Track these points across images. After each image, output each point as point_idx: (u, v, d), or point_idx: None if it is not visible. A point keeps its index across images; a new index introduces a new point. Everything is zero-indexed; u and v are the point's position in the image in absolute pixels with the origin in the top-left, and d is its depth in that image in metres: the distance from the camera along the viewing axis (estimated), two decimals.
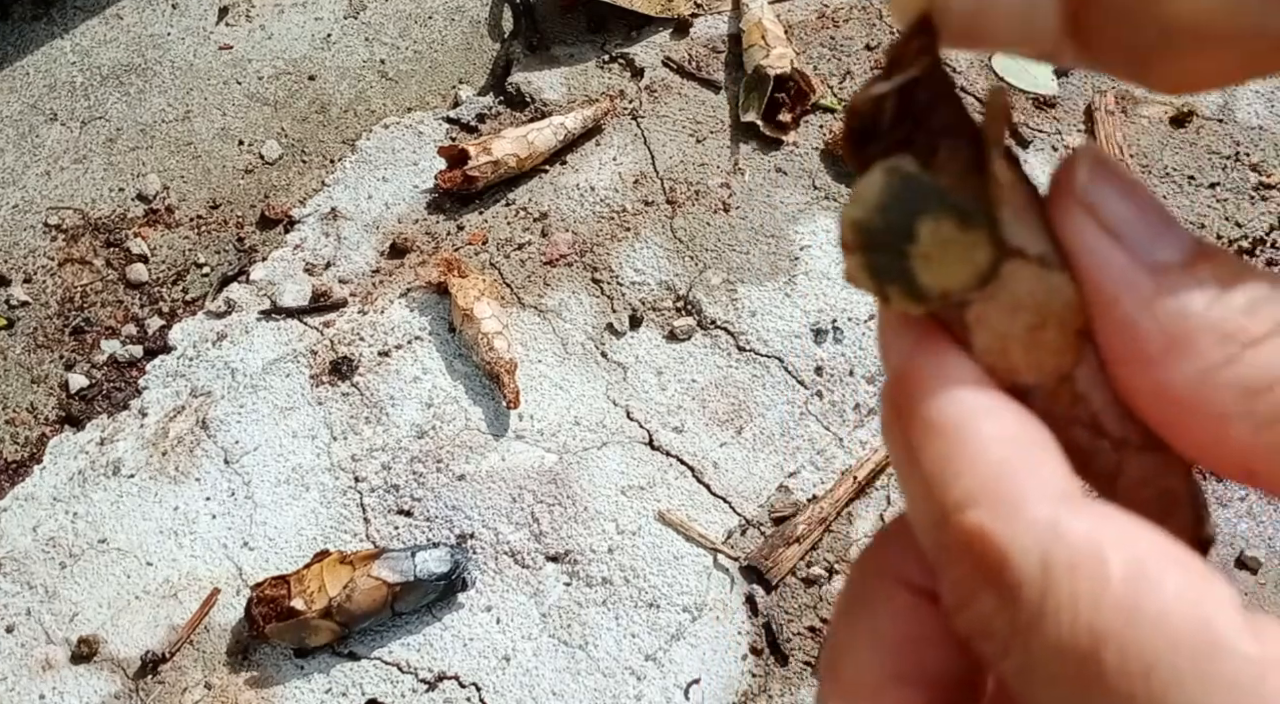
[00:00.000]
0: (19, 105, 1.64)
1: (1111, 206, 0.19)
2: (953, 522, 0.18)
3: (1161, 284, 0.18)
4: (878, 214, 0.19)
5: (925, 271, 0.19)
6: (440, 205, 1.48)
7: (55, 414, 1.36)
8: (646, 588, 1.17)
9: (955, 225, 0.19)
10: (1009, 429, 0.18)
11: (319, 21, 1.70)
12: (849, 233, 0.20)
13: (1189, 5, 0.17)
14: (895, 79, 0.19)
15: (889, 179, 0.19)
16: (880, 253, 0.19)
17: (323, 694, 1.14)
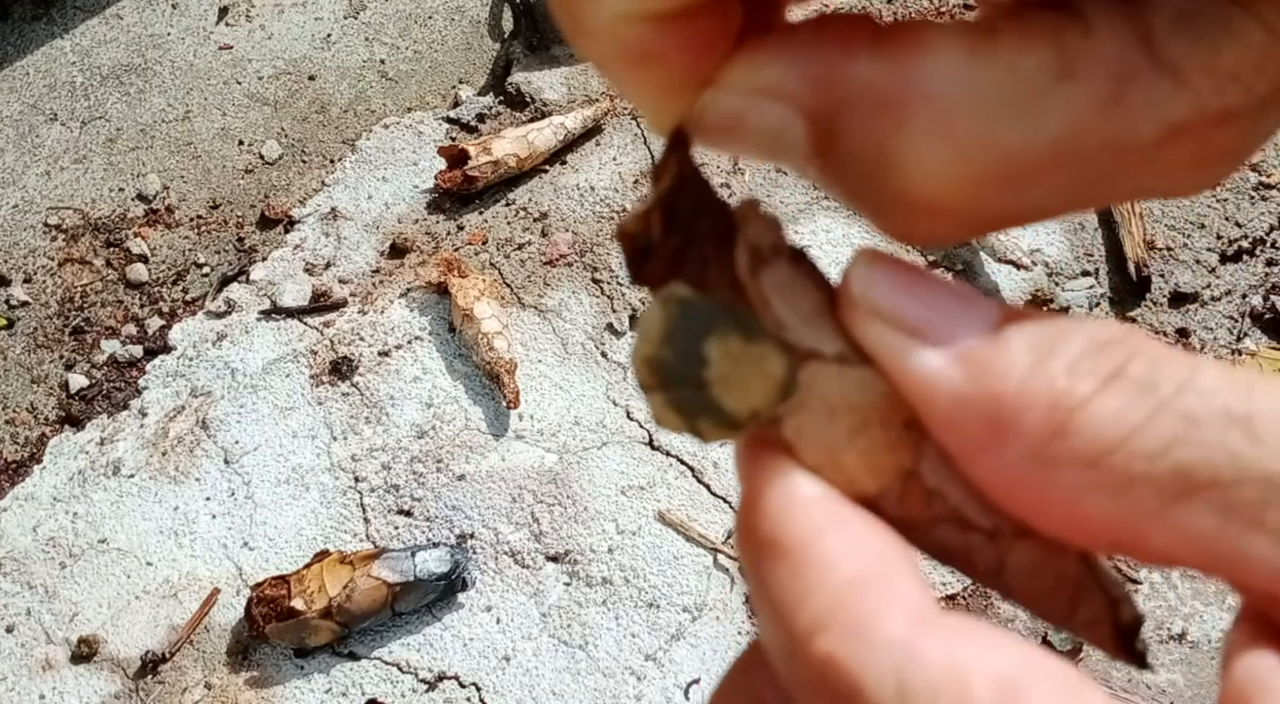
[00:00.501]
0: (19, 105, 1.65)
1: (898, 303, 0.18)
2: (803, 650, 0.16)
3: (970, 370, 0.17)
4: (665, 347, 0.19)
5: (727, 396, 0.18)
6: (440, 205, 1.48)
7: (55, 414, 1.36)
8: (646, 588, 1.17)
9: (740, 340, 0.18)
10: (855, 542, 0.17)
11: (319, 21, 1.70)
12: (643, 372, 0.19)
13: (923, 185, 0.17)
14: (654, 194, 0.19)
15: (667, 309, 0.19)
16: (679, 387, 0.19)
17: (323, 694, 1.14)
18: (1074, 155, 0.17)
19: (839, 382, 0.18)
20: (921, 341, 0.17)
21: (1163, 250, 1.35)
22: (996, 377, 0.16)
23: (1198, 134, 0.16)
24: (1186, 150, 0.17)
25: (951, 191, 0.17)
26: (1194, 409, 0.16)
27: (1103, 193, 0.18)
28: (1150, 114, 0.16)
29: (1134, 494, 0.16)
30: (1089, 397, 0.16)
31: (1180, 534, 0.16)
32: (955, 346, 0.17)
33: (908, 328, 0.17)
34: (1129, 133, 0.16)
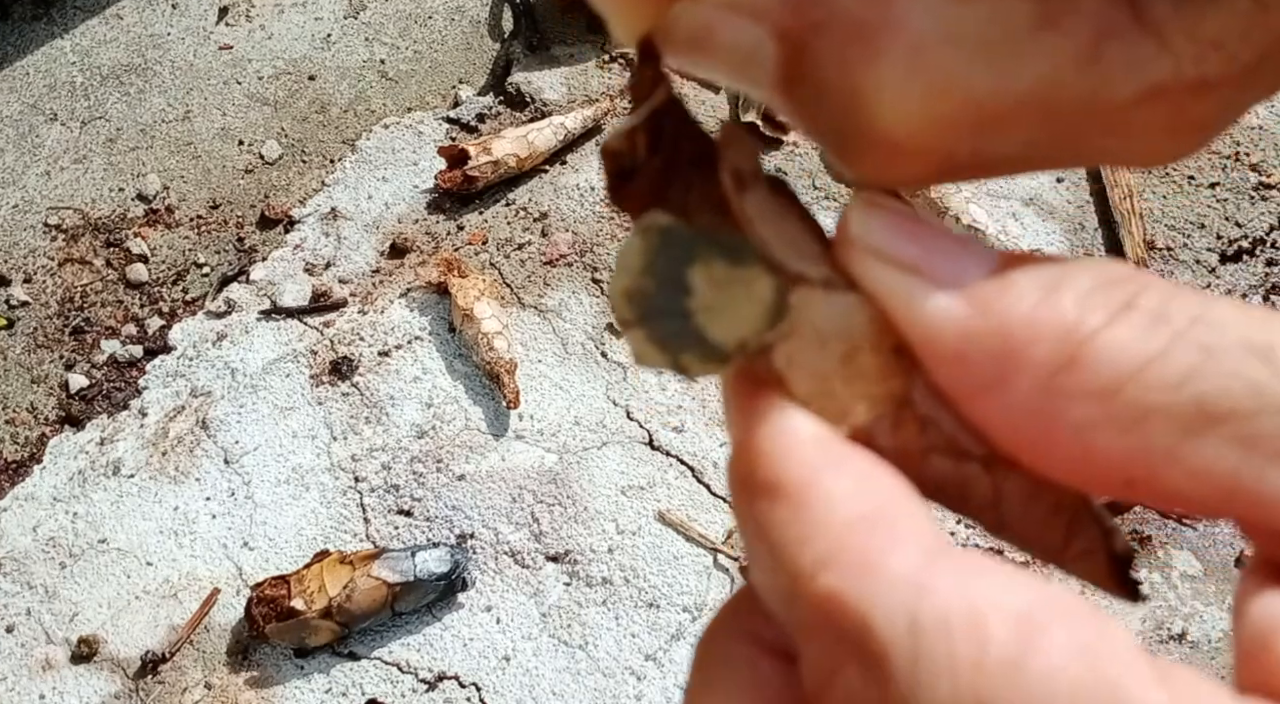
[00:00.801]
0: (19, 105, 1.65)
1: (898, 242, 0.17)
2: (805, 590, 0.15)
3: (974, 305, 0.16)
4: (645, 277, 0.18)
5: (713, 325, 0.17)
6: (440, 205, 1.48)
7: (55, 414, 1.37)
8: (646, 588, 1.17)
9: (726, 264, 0.17)
10: (857, 482, 0.16)
11: (319, 21, 1.70)
12: (622, 306, 0.18)
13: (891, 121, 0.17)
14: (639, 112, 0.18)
15: (646, 237, 0.18)
16: (661, 319, 0.17)
17: (323, 694, 1.14)
18: (1047, 107, 0.16)
19: (827, 307, 0.17)
20: (922, 279, 0.17)
21: (1163, 250, 1.35)
22: (1003, 310, 0.16)
23: (1175, 99, 0.16)
24: (1162, 115, 0.16)
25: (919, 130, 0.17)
26: (1211, 339, 0.15)
27: (1073, 151, 0.17)
28: (1128, 74, 0.16)
29: (1148, 428, 0.15)
30: (1101, 327, 0.15)
31: (1197, 469, 0.15)
32: (958, 283, 0.16)
33: (908, 266, 0.17)
34: (1105, 91, 0.16)
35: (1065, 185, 1.42)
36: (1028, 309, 0.16)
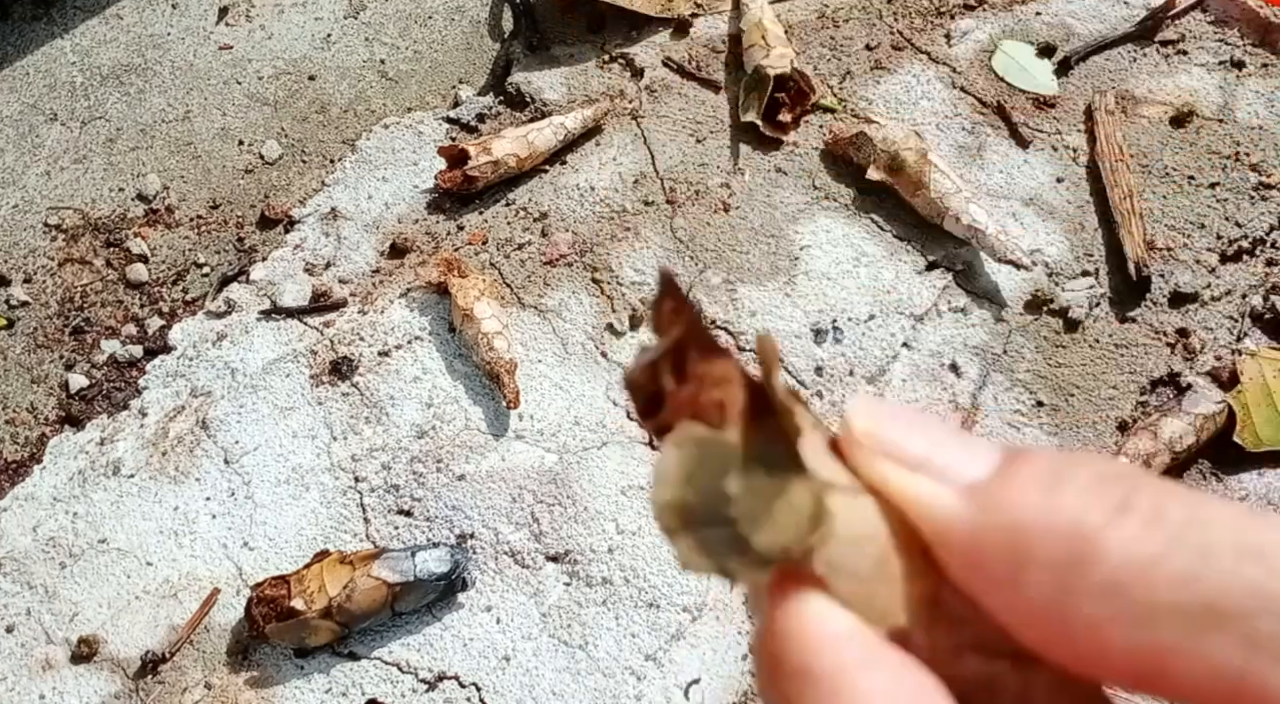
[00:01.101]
0: (19, 105, 1.64)
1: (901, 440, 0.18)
2: None
3: (984, 502, 0.17)
4: (685, 488, 0.18)
5: (756, 533, 0.18)
6: (440, 205, 1.48)
7: (55, 414, 1.36)
8: (646, 588, 1.17)
9: (764, 474, 0.18)
10: (891, 679, 0.17)
11: (319, 21, 1.70)
12: (667, 517, 0.18)
13: None
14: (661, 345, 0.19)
15: (682, 450, 0.18)
16: (706, 527, 0.18)
17: (323, 694, 1.14)
18: None
19: (858, 512, 0.18)
20: (933, 475, 0.17)
21: (1163, 250, 1.35)
22: (1009, 507, 0.16)
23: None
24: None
25: None
26: (1206, 540, 0.16)
27: None
28: None
29: (1159, 625, 0.16)
30: (1103, 525, 0.16)
31: (1204, 667, 0.15)
32: (963, 481, 0.17)
33: (913, 463, 0.18)
34: None
35: (1065, 185, 1.42)
36: (1032, 506, 0.16)
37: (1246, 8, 1.54)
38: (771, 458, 0.18)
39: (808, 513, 0.18)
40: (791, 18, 1.61)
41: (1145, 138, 1.45)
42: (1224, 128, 1.45)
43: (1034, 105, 1.49)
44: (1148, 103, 1.48)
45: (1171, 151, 1.43)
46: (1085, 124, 1.47)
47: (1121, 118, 1.46)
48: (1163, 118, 1.46)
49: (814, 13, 1.62)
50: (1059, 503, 0.16)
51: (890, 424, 0.18)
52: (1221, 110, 1.46)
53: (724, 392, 0.19)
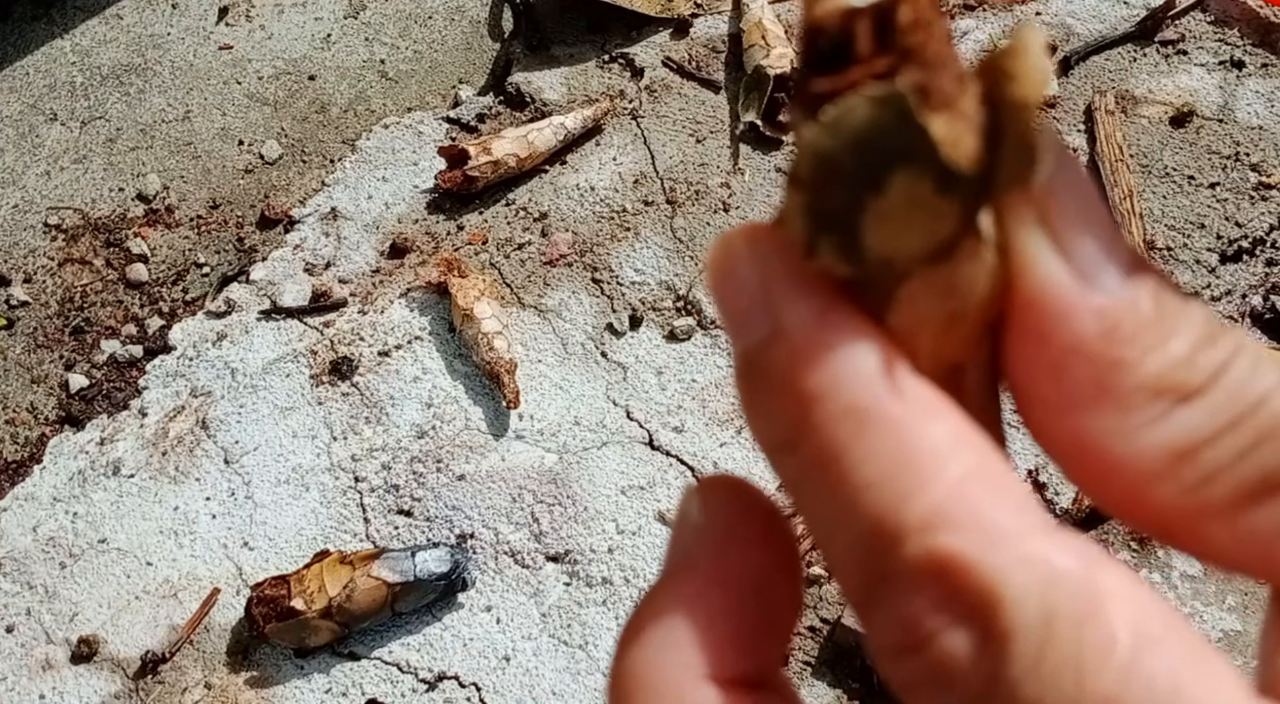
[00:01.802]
0: (19, 105, 1.65)
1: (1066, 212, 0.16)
2: (915, 544, 0.15)
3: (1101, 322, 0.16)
4: (851, 150, 0.15)
5: (876, 230, 0.16)
6: (440, 205, 1.48)
7: (55, 414, 1.36)
8: (646, 588, 1.17)
9: (933, 187, 0.15)
10: (962, 436, 0.15)
11: (319, 21, 1.70)
12: (808, 165, 0.16)
13: None
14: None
15: (878, 111, 0.15)
16: (833, 195, 0.16)
17: (323, 694, 1.14)
18: None
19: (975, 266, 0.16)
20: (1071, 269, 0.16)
21: (1163, 250, 1.35)
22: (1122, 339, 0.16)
23: None
24: None
25: None
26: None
27: None
28: None
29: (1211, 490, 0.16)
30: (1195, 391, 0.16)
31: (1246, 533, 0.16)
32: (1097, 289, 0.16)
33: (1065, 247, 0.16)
34: None
35: None
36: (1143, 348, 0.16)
37: (1246, 8, 1.54)
38: (956, 176, 0.15)
39: (938, 243, 0.16)
40: (791, 18, 1.61)
41: (1145, 138, 1.45)
42: (1224, 128, 1.45)
43: None
44: (1148, 103, 1.48)
45: (1171, 151, 1.43)
46: (1085, 124, 1.47)
47: (1121, 118, 1.46)
48: (1163, 118, 1.46)
49: None
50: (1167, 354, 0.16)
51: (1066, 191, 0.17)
52: (1221, 110, 1.46)
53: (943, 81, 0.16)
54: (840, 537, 0.16)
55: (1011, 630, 0.14)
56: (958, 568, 0.15)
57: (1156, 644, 0.14)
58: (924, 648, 0.15)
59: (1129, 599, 0.15)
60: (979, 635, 0.14)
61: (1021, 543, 0.15)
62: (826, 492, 0.16)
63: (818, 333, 0.16)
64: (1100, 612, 0.14)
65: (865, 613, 0.16)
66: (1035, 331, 0.16)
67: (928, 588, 0.15)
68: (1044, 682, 0.14)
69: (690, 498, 0.18)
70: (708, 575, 0.17)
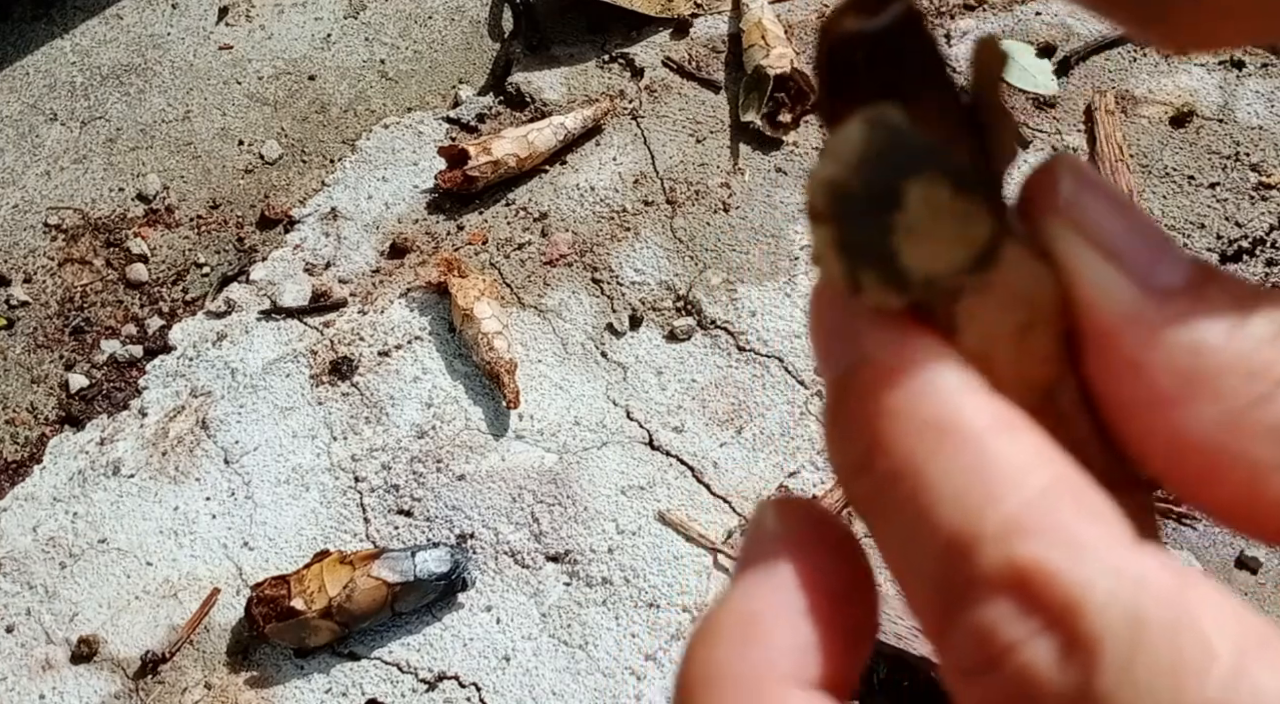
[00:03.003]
0: (19, 105, 1.65)
1: (1103, 223, 0.16)
2: (993, 553, 0.14)
3: (1170, 313, 0.15)
4: (857, 174, 0.16)
5: (911, 249, 0.16)
6: (440, 205, 1.48)
7: (55, 414, 1.36)
8: (646, 588, 1.17)
9: (950, 191, 0.15)
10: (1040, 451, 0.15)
11: (319, 21, 1.70)
12: (820, 197, 0.16)
13: None
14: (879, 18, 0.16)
15: (872, 131, 0.16)
16: (857, 224, 0.16)
17: (323, 694, 1.14)
18: None
19: (1025, 270, 0.16)
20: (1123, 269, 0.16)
21: None
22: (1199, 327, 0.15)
23: None
24: None
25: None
26: None
27: None
28: None
29: None
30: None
31: None
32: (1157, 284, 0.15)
33: (1111, 249, 0.16)
34: None
35: None
36: (1223, 332, 0.15)
37: None
38: (967, 175, 0.16)
39: (979, 248, 0.15)
40: (791, 18, 1.61)
41: (1145, 138, 1.45)
42: (1224, 128, 1.45)
43: (1034, 105, 1.49)
44: (1148, 103, 1.48)
45: (1171, 151, 1.43)
46: (1085, 124, 1.47)
47: (1121, 118, 1.46)
48: (1163, 118, 1.46)
49: (814, 13, 1.62)
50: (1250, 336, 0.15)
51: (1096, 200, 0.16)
52: (1221, 110, 1.46)
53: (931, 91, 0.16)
54: (915, 556, 0.15)
55: (1099, 638, 0.13)
56: (1038, 575, 0.14)
57: (1261, 656, 0.13)
58: (1003, 662, 0.14)
59: (1226, 610, 0.14)
60: (1063, 644, 0.14)
61: (1106, 552, 0.14)
62: (901, 509, 0.15)
63: (897, 355, 0.16)
64: (1196, 622, 0.13)
65: (940, 635, 0.15)
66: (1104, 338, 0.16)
67: (1006, 598, 0.14)
68: (1138, 691, 0.13)
69: (765, 508, 0.18)
70: (789, 578, 0.17)
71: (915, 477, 0.15)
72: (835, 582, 0.17)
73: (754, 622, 0.16)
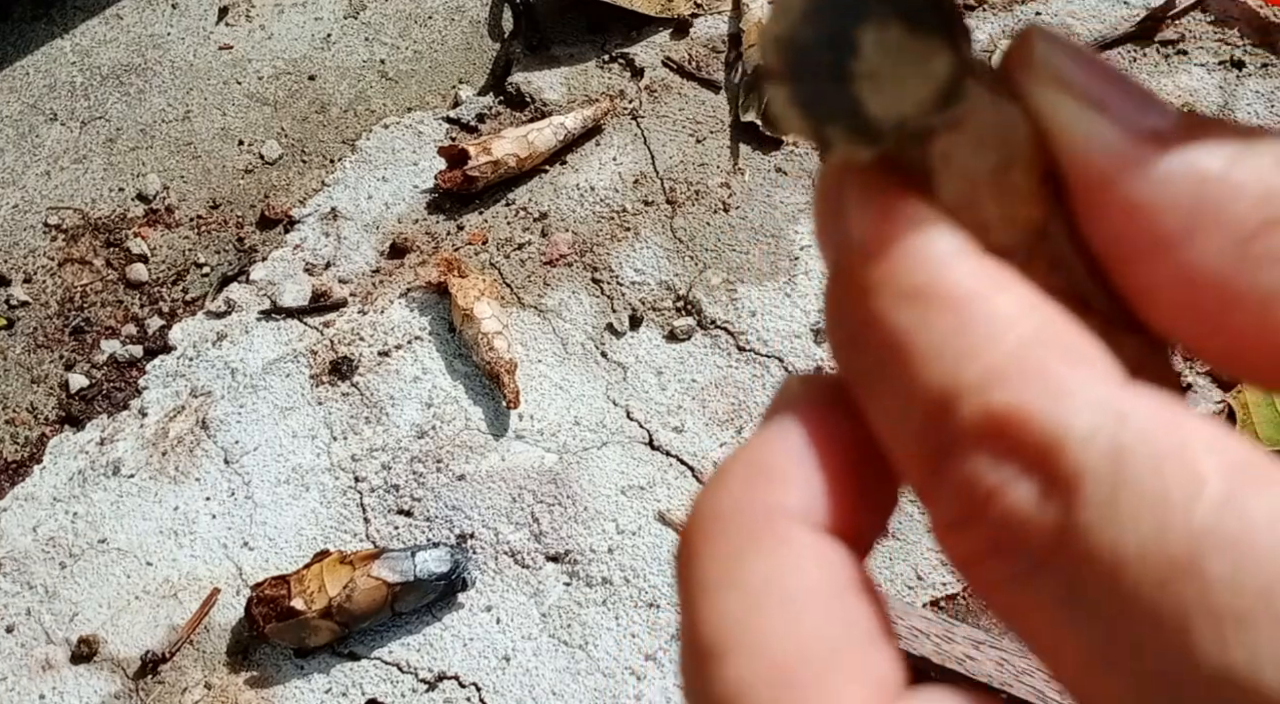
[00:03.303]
0: (19, 105, 1.65)
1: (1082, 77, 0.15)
2: (969, 403, 0.14)
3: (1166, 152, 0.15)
4: (806, 25, 0.15)
5: (874, 95, 0.15)
6: (440, 205, 1.48)
7: (55, 414, 1.36)
8: (646, 588, 1.17)
9: (903, 29, 0.15)
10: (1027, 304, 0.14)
11: (319, 21, 1.70)
12: (773, 53, 0.15)
13: None
14: None
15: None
16: (815, 78, 0.15)
17: (323, 694, 1.14)
18: None
19: (993, 109, 0.15)
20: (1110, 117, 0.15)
21: None
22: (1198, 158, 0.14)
23: None
24: None
25: None
26: None
27: None
28: None
29: None
30: None
31: None
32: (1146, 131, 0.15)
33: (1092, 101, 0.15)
34: None
35: None
36: (1225, 161, 0.14)
37: (1246, 8, 1.54)
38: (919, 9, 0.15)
39: (941, 83, 0.15)
40: None
41: None
42: None
43: None
44: None
45: None
46: None
47: None
48: None
49: None
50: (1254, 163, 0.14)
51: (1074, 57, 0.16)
52: (1221, 110, 1.46)
53: None
54: (903, 422, 0.15)
55: (1079, 474, 0.13)
56: (1015, 418, 0.13)
57: (1251, 483, 0.12)
58: (985, 511, 0.14)
59: (1214, 440, 0.13)
60: (1043, 484, 0.13)
61: (1088, 390, 0.13)
62: (889, 379, 0.15)
63: (880, 226, 0.16)
64: (1182, 452, 0.13)
65: (928, 498, 0.15)
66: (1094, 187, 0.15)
67: (986, 447, 0.14)
68: (1121, 524, 0.13)
69: (790, 380, 0.18)
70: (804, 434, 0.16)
71: (902, 345, 0.15)
72: (852, 445, 0.16)
73: (764, 467, 0.16)
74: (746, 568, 0.15)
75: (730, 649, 0.14)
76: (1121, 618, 0.12)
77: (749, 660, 0.14)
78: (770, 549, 0.15)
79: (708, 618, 0.15)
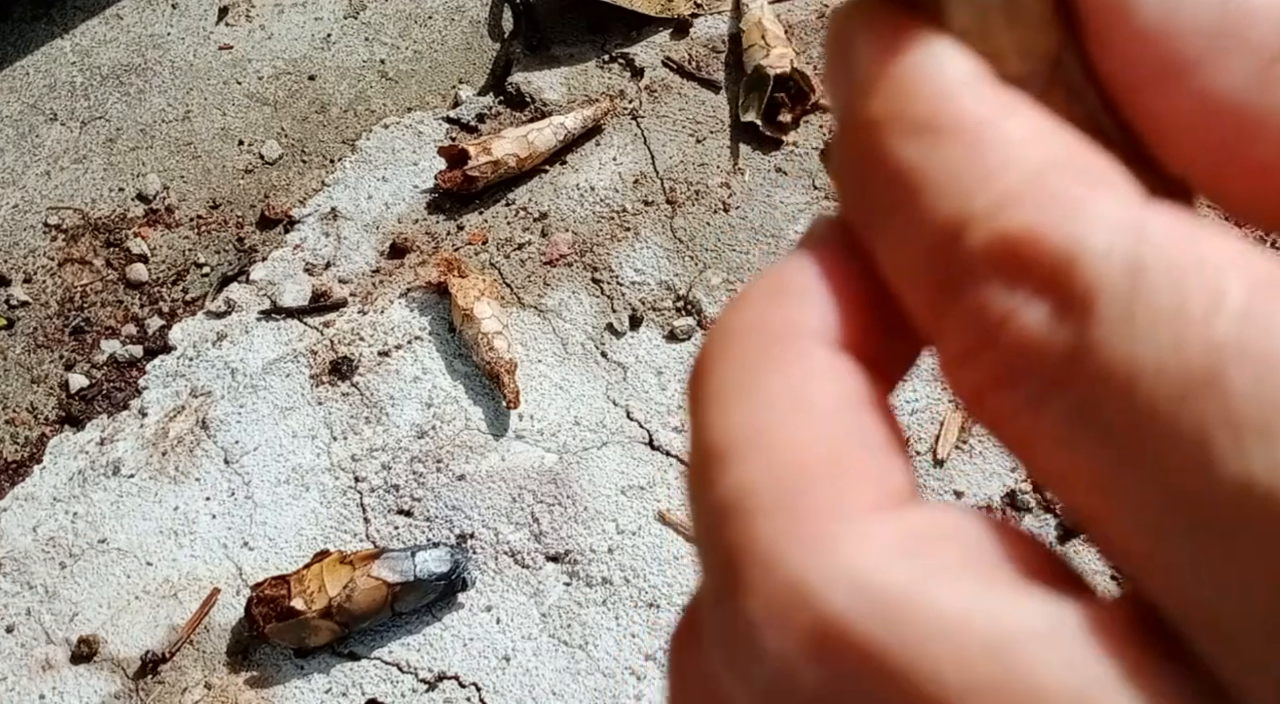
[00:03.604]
0: (19, 105, 1.65)
1: None
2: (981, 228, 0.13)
3: None
4: None
5: None
6: (440, 205, 1.48)
7: (55, 414, 1.36)
8: (646, 588, 1.17)
9: None
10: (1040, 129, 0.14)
11: (319, 21, 1.70)
12: None
13: None
14: None
15: None
16: None
17: (323, 694, 1.14)
18: None
19: None
20: None
21: None
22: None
23: None
24: None
25: None
26: None
27: None
28: None
29: None
30: None
31: None
32: None
33: None
34: None
35: None
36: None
37: None
38: None
39: None
40: (791, 18, 1.61)
41: None
42: None
43: None
44: None
45: None
46: None
47: None
48: None
49: (814, 13, 1.62)
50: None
51: None
52: None
53: None
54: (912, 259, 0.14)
55: (1094, 289, 0.12)
56: (1029, 239, 0.13)
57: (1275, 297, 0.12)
58: (997, 337, 0.13)
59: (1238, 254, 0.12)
60: (1056, 304, 0.12)
61: (1105, 207, 0.13)
62: (897, 215, 0.14)
63: (885, 58, 0.15)
64: (1202, 264, 0.12)
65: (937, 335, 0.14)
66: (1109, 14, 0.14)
67: (997, 272, 0.13)
68: (1136, 338, 0.12)
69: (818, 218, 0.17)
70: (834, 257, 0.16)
71: (911, 179, 0.14)
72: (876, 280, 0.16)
73: (784, 287, 0.15)
74: (760, 379, 0.15)
75: (736, 453, 0.14)
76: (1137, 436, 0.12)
77: (755, 463, 0.14)
78: (786, 362, 0.15)
79: (716, 424, 0.14)
